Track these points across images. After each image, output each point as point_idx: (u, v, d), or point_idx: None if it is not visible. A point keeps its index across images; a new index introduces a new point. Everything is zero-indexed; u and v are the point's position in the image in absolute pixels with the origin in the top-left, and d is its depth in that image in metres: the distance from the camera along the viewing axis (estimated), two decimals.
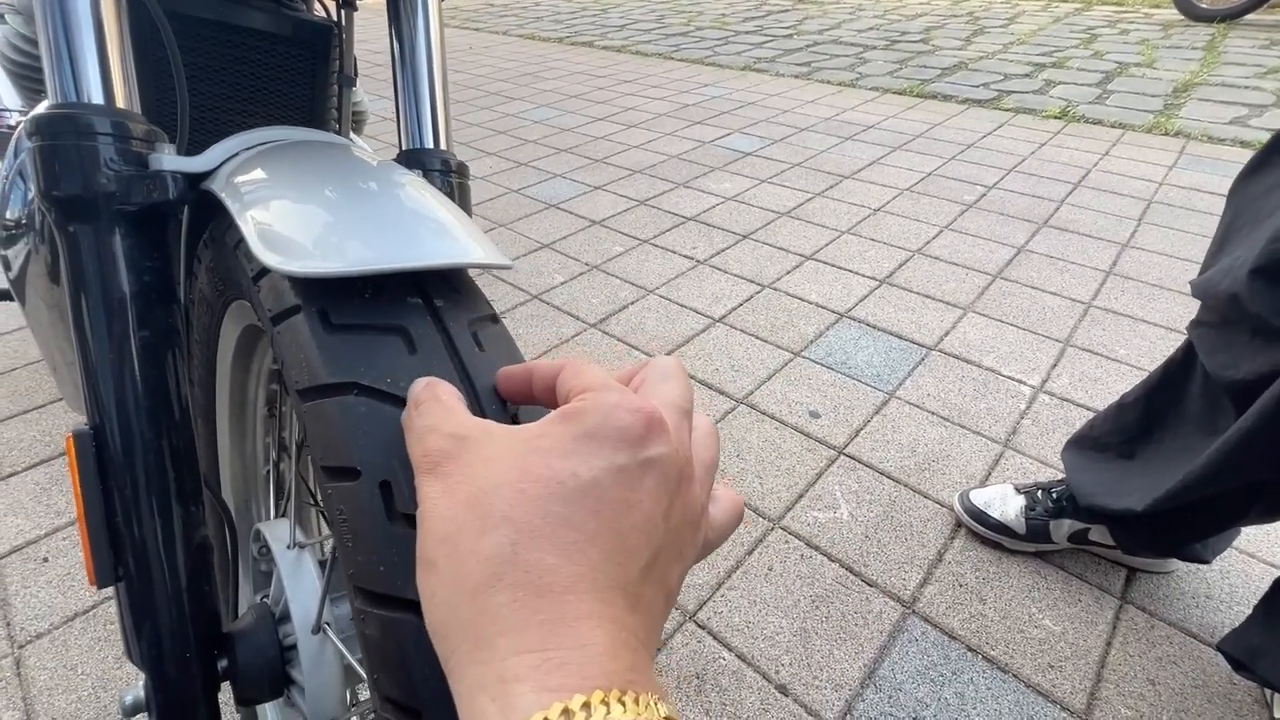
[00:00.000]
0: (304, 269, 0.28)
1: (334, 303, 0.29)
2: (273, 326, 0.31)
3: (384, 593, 0.24)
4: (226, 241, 0.38)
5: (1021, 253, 1.76)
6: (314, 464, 0.29)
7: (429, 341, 0.29)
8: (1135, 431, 0.87)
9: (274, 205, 0.34)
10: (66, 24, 0.38)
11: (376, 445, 0.26)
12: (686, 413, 0.24)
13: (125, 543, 0.40)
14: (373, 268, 0.28)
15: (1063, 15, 4.74)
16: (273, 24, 0.59)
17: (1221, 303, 0.70)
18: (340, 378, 0.27)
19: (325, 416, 0.27)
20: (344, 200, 0.34)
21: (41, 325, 0.68)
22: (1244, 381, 0.68)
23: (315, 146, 0.41)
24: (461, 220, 0.34)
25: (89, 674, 0.82)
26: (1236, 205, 0.74)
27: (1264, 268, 0.64)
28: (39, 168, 0.37)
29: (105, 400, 0.39)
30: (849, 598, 0.90)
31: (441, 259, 0.29)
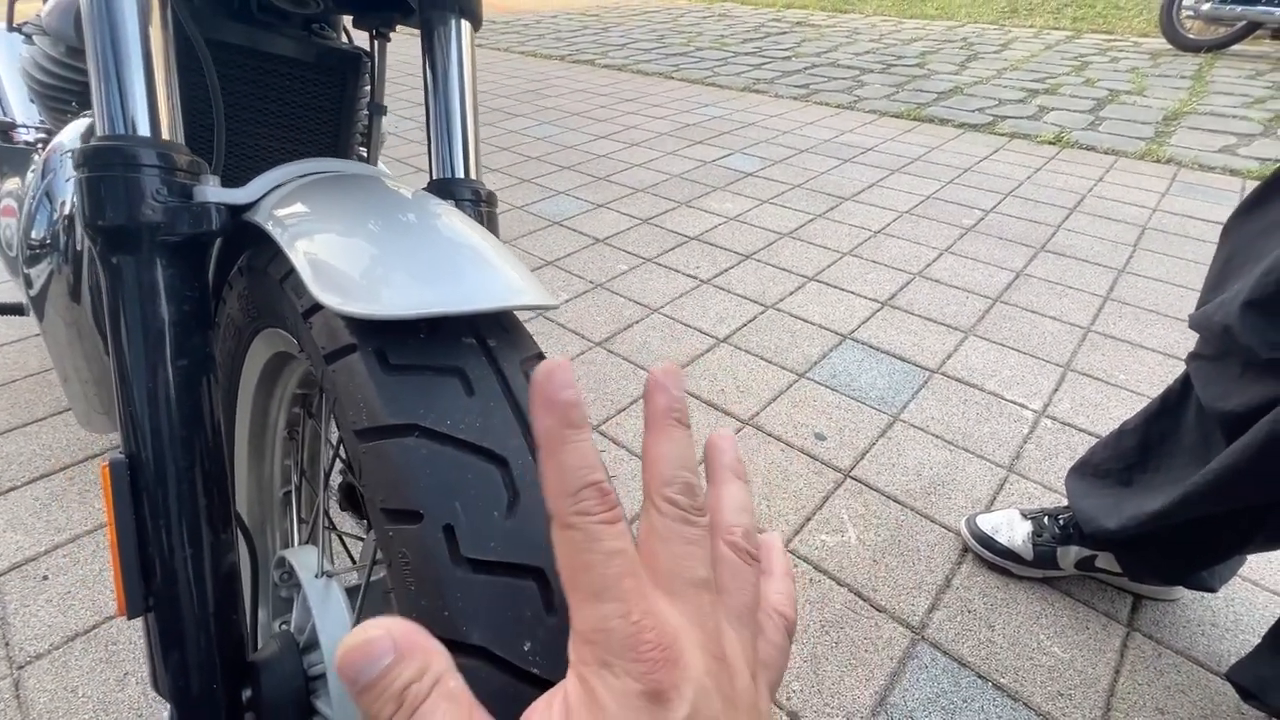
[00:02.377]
0: (365, 311, 0.28)
1: (391, 343, 0.29)
2: (326, 364, 0.31)
3: (448, 638, 0.24)
4: (270, 274, 0.38)
5: (1021, 277, 1.79)
6: (370, 504, 0.29)
7: (485, 383, 0.29)
8: (1133, 459, 0.88)
9: (324, 241, 0.34)
10: (117, 57, 0.38)
11: (439, 488, 0.26)
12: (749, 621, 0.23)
13: (157, 572, 0.40)
14: (432, 311, 0.28)
15: (1054, 43, 4.84)
16: (303, 51, 0.60)
17: (1216, 335, 0.71)
18: (401, 419, 0.27)
19: (386, 458, 0.27)
20: (393, 238, 0.34)
21: (59, 342, 0.68)
22: (1235, 413, 0.69)
23: (357, 180, 0.42)
24: (508, 259, 0.34)
25: (90, 697, 0.81)
26: (1234, 243, 0.76)
27: (1255, 301, 0.66)
28: (86, 198, 0.38)
29: (142, 429, 0.39)
30: (858, 623, 0.90)
31: (496, 302, 0.30)
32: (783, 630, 0.24)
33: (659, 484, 0.22)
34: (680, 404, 0.24)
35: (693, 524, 0.22)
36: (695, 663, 0.19)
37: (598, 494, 0.20)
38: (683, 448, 0.23)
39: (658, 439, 0.23)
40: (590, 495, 0.20)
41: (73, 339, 0.66)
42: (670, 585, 0.21)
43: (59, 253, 0.60)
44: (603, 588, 0.19)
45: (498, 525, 0.25)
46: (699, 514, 0.23)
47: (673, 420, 0.24)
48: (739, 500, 0.25)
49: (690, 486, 0.23)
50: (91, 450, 1.18)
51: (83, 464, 1.16)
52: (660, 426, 0.23)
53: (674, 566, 0.21)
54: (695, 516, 0.22)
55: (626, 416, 1.28)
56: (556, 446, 0.20)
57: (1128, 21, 5.35)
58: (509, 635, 0.24)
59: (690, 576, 0.21)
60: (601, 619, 0.19)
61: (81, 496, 1.09)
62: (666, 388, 0.24)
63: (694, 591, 0.21)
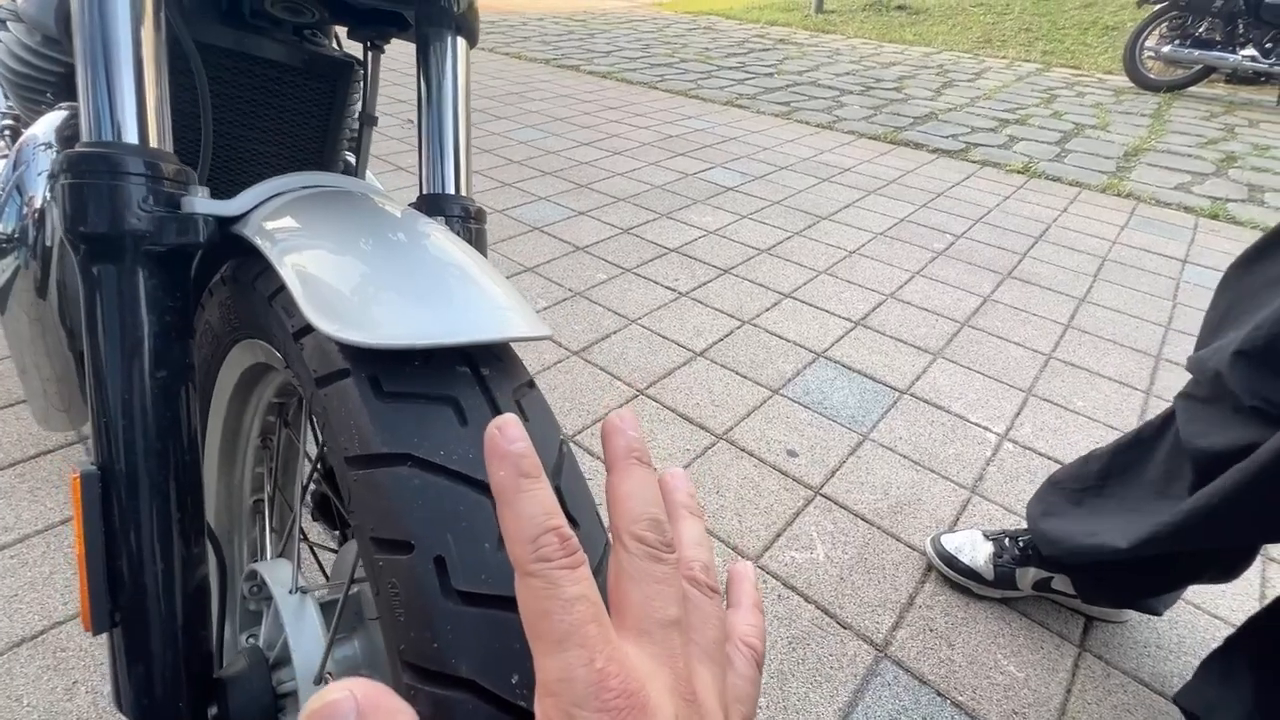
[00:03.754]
0: (361, 339, 0.28)
1: (384, 370, 0.30)
2: (317, 387, 0.31)
3: (437, 670, 0.24)
4: (257, 289, 0.38)
5: (988, 302, 1.85)
6: (359, 531, 0.29)
7: (478, 413, 0.29)
8: (1090, 483, 0.92)
9: (317, 262, 0.34)
10: (107, 59, 0.38)
11: (430, 519, 0.26)
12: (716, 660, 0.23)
13: (125, 587, 0.39)
14: (429, 342, 0.29)
15: (1025, 75, 5.02)
16: (293, 57, 0.60)
17: (1208, 379, 0.75)
18: (394, 448, 0.27)
19: (377, 487, 0.27)
20: (386, 261, 0.34)
21: (20, 338, 0.65)
22: (1210, 451, 0.73)
23: (348, 197, 0.42)
24: (502, 287, 0.34)
25: (35, 706, 0.77)
26: (1235, 293, 0.79)
27: (1245, 351, 0.70)
28: (68, 204, 0.37)
29: (116, 441, 0.38)
30: (825, 640, 0.92)
31: (492, 334, 0.30)
32: (752, 663, 0.24)
33: (626, 522, 0.23)
34: (639, 445, 0.25)
35: (662, 561, 0.22)
36: (664, 707, 0.19)
37: (557, 539, 0.20)
38: (646, 486, 0.24)
39: (621, 479, 0.24)
40: (549, 541, 0.20)
41: (36, 335, 0.64)
42: (641, 625, 0.21)
43: (27, 247, 0.59)
44: (565, 635, 0.19)
45: (489, 558, 0.26)
46: (668, 550, 0.23)
47: (634, 460, 0.24)
48: (695, 535, 0.25)
49: (657, 523, 0.23)
50: (44, 446, 1.14)
51: (33, 460, 1.11)
52: (622, 466, 0.24)
53: (645, 606, 0.21)
54: (664, 553, 0.22)
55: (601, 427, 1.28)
56: (512, 496, 0.21)
57: (1094, 59, 5.57)
58: (497, 668, 0.24)
59: (661, 616, 0.21)
60: (564, 667, 0.19)
61: (32, 495, 1.05)
62: (624, 430, 0.25)
63: (664, 632, 0.21)
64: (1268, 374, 0.68)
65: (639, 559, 0.22)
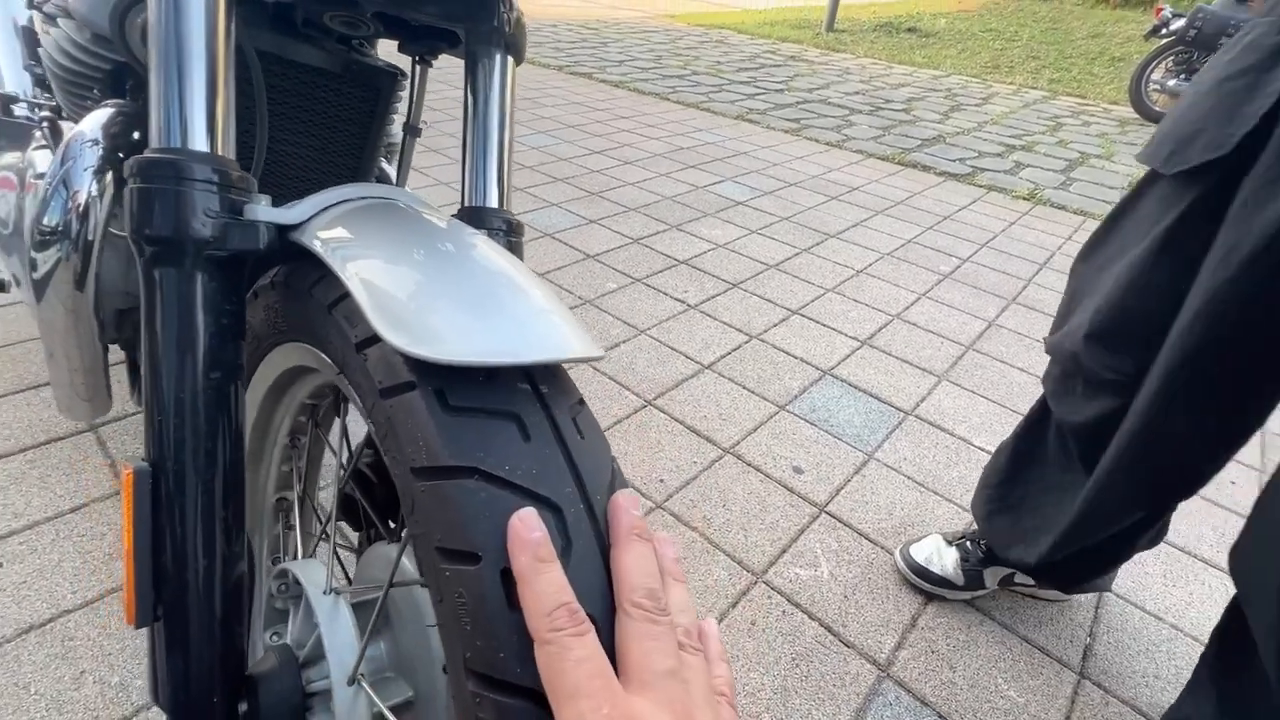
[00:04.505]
0: (431, 354, 0.29)
1: (450, 384, 0.31)
2: (381, 398, 0.32)
3: (502, 679, 0.25)
4: (315, 296, 0.39)
5: (992, 326, 1.87)
6: (420, 541, 0.30)
7: (540, 430, 0.30)
8: (1005, 474, 0.99)
9: (380, 274, 0.35)
10: (180, 71, 0.39)
11: (497, 531, 0.27)
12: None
13: (169, 582, 0.40)
14: (497, 360, 0.30)
15: (1031, 101, 5.07)
16: (342, 65, 0.61)
17: (1065, 359, 0.84)
18: (461, 461, 0.28)
19: (445, 498, 0.28)
20: (448, 276, 0.35)
21: (53, 327, 0.66)
22: (1082, 424, 0.83)
23: (402, 210, 0.43)
24: (558, 306, 0.36)
25: (43, 694, 0.78)
26: (1078, 281, 0.87)
27: (1092, 333, 0.79)
28: (136, 208, 0.38)
29: (168, 439, 0.39)
30: (828, 658, 0.92)
31: (553, 354, 0.31)
32: (729, 707, 0.28)
33: (627, 591, 0.27)
34: (640, 523, 0.30)
35: (657, 623, 0.27)
36: None
37: (567, 613, 0.25)
38: (645, 560, 0.29)
39: (623, 552, 0.28)
40: (561, 615, 0.25)
41: (69, 325, 0.65)
42: (643, 677, 0.25)
43: (69, 240, 0.59)
44: (575, 689, 0.24)
45: None
46: (662, 614, 0.27)
47: (635, 536, 0.29)
48: (681, 601, 0.30)
49: (653, 591, 0.28)
50: (54, 434, 1.14)
51: (44, 446, 1.11)
52: (625, 542, 0.29)
53: (644, 660, 0.26)
54: (659, 616, 0.27)
55: (610, 435, 1.29)
56: (531, 577, 0.26)
57: (1099, 89, 5.64)
58: None
59: (659, 668, 0.25)
60: (577, 715, 0.23)
61: (42, 481, 1.05)
62: (628, 509, 0.30)
63: (664, 681, 0.25)
64: (1114, 349, 0.77)
65: (638, 621, 0.27)
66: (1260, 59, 0.64)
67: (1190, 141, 0.68)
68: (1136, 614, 1.05)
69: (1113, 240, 0.82)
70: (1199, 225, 0.67)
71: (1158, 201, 0.74)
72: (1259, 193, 0.61)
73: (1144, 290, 0.73)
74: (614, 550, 0.29)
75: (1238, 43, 0.69)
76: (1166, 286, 0.70)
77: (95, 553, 0.95)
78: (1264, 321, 0.63)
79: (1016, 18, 8.96)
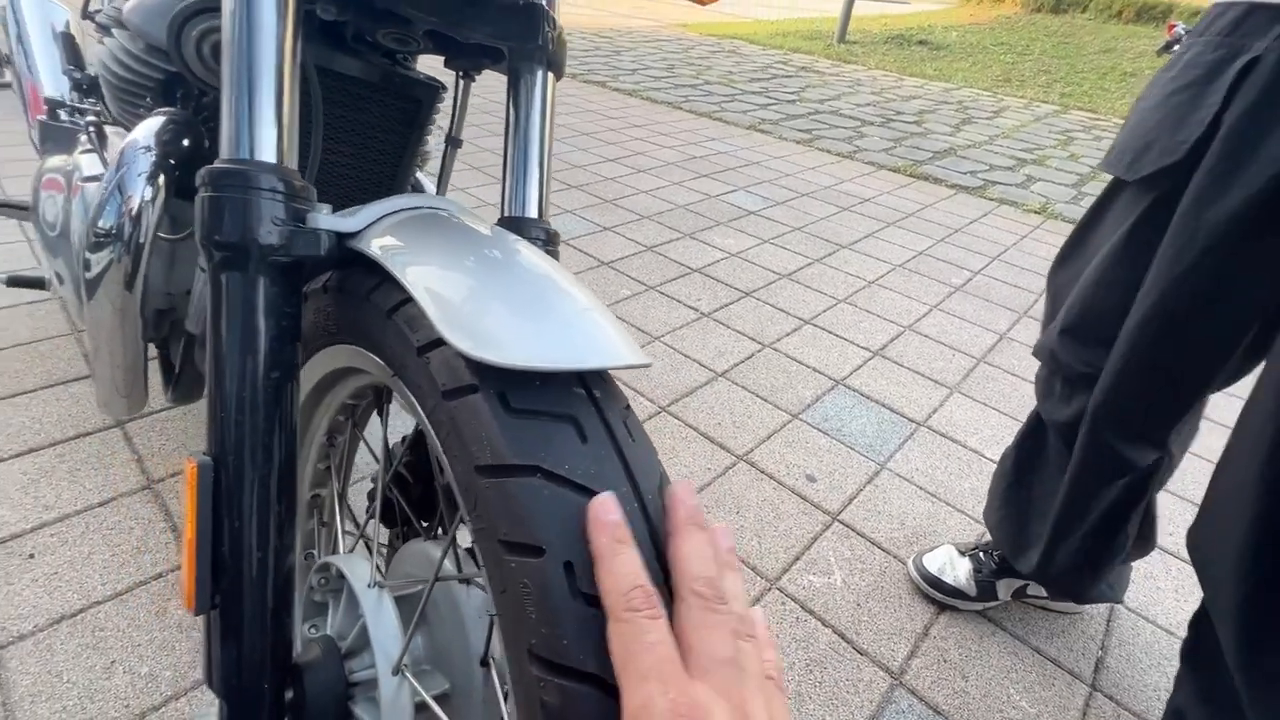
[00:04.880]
0: (497, 359, 0.31)
1: (511, 387, 0.32)
2: (444, 400, 0.34)
3: (566, 664, 0.27)
4: (373, 302, 0.41)
5: (1004, 339, 1.88)
6: (482, 534, 0.32)
7: (596, 432, 0.32)
8: (1010, 479, 1.02)
9: (441, 281, 0.37)
10: (252, 87, 0.41)
11: (559, 527, 0.29)
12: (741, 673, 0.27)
13: (226, 572, 0.42)
14: (556, 366, 0.31)
15: (1042, 115, 5.09)
16: (386, 78, 0.63)
17: (1047, 359, 0.91)
18: (524, 460, 0.30)
19: (509, 495, 0.30)
20: (504, 284, 0.37)
21: (100, 325, 0.68)
22: (1064, 423, 0.88)
23: (454, 219, 0.45)
24: (608, 316, 0.37)
25: (75, 683, 0.80)
26: (1055, 287, 0.93)
27: (1065, 329, 0.85)
28: (207, 215, 0.40)
29: (229, 434, 0.41)
30: (841, 664, 0.93)
31: (606, 361, 0.33)
32: (777, 690, 0.30)
33: (687, 580, 0.29)
34: (698, 512, 0.31)
35: (716, 611, 0.28)
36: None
37: (643, 594, 0.27)
38: (704, 548, 0.30)
39: (683, 541, 0.30)
40: (638, 595, 0.27)
41: (116, 324, 0.67)
42: (702, 664, 0.26)
43: (122, 242, 0.62)
44: (646, 672, 0.25)
45: None
46: (721, 602, 0.28)
47: (693, 525, 0.30)
48: (736, 590, 0.31)
49: (712, 580, 0.29)
50: (83, 429, 1.17)
51: (73, 441, 1.14)
52: (683, 531, 0.30)
53: (703, 647, 0.27)
54: (718, 605, 0.28)
55: None
56: (609, 558, 0.27)
57: (1111, 103, 5.65)
58: None
59: (718, 655, 0.27)
60: (646, 697, 0.25)
61: (71, 475, 1.07)
62: (684, 500, 0.31)
63: (721, 669, 0.26)
64: (1085, 342, 0.83)
65: (697, 610, 0.28)
66: (1200, 74, 0.72)
67: (1145, 150, 0.75)
68: (1148, 628, 1.06)
69: (1084, 246, 0.88)
70: (1157, 224, 0.75)
71: (1121, 206, 0.81)
72: (1205, 191, 0.69)
73: (1110, 286, 0.80)
74: (673, 539, 0.30)
75: (1178, 61, 0.77)
76: (1130, 282, 0.77)
77: (124, 546, 0.97)
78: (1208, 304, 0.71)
79: (1028, 31, 8.99)
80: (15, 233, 1.76)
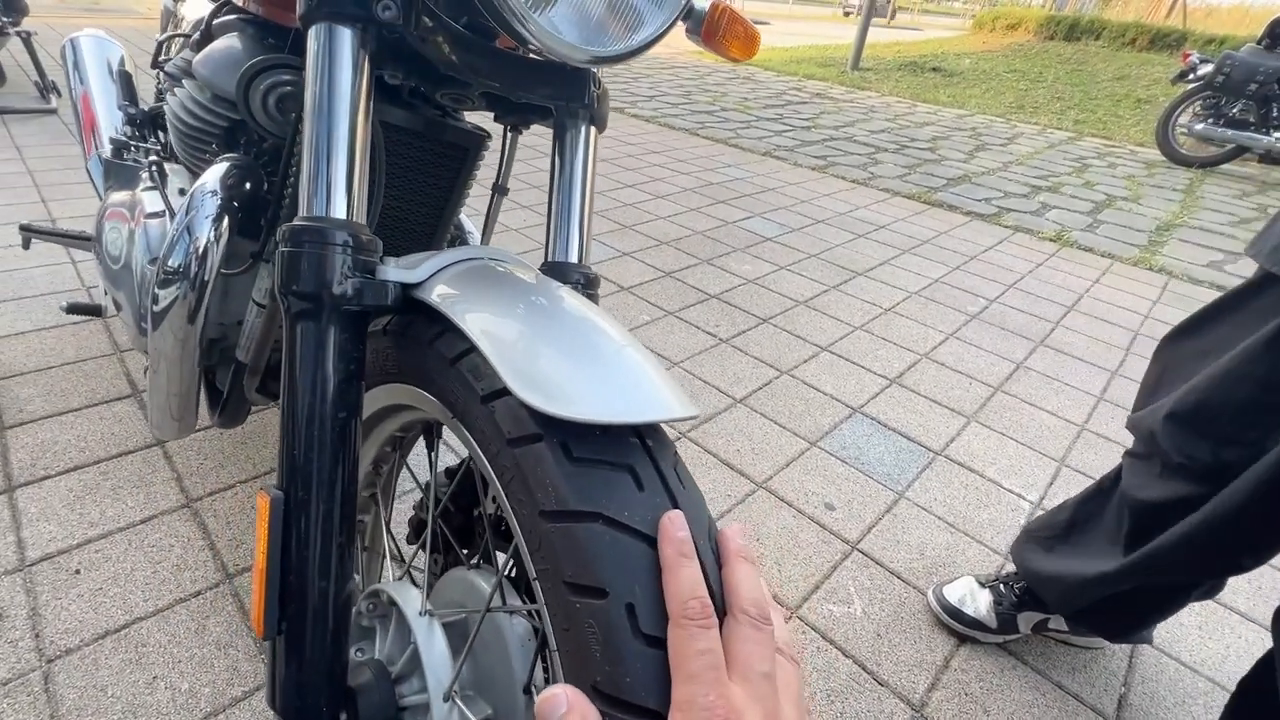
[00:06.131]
0: (563, 412, 0.34)
1: (573, 437, 0.35)
2: (508, 446, 0.37)
3: (629, 700, 0.29)
4: (437, 349, 0.44)
5: (1020, 369, 1.88)
6: (543, 574, 0.34)
7: (650, 479, 0.35)
8: (1059, 531, 1.01)
9: (504, 332, 0.40)
10: (330, 149, 0.45)
11: (621, 570, 0.31)
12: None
13: (292, 599, 0.45)
14: (619, 420, 0.34)
15: (1057, 142, 5.11)
16: (433, 128, 0.67)
17: (1145, 438, 0.86)
18: (587, 506, 0.33)
19: (574, 539, 0.32)
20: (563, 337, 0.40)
21: (162, 354, 0.72)
22: (1146, 502, 0.84)
23: (509, 271, 0.48)
24: (660, 371, 0.40)
25: (119, 698, 0.82)
26: (1167, 360, 0.90)
27: (1174, 413, 0.80)
28: (285, 269, 0.43)
29: (299, 469, 0.44)
30: (862, 695, 0.94)
31: (660, 415, 0.36)
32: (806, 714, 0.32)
33: (739, 602, 0.33)
34: (747, 550, 0.36)
35: (760, 630, 0.32)
36: None
37: (699, 604, 0.31)
38: (753, 577, 0.34)
39: (734, 570, 0.34)
40: (694, 605, 0.31)
41: (177, 354, 0.71)
42: (744, 674, 0.30)
43: (188, 280, 0.66)
44: (694, 674, 0.29)
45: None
46: (766, 624, 0.32)
47: (743, 559, 0.35)
48: (779, 621, 0.34)
49: (759, 602, 0.33)
50: (125, 447, 1.21)
51: (116, 459, 1.18)
52: (736, 562, 0.35)
53: (746, 659, 0.30)
54: (763, 624, 0.32)
55: None
56: (676, 568, 0.32)
57: (1125, 130, 5.67)
58: None
59: (758, 669, 0.30)
60: (690, 695, 0.28)
61: (115, 493, 1.11)
62: (735, 537, 0.36)
63: (761, 680, 0.30)
64: (1192, 435, 0.78)
65: (744, 626, 0.32)
66: None
67: None
68: (1172, 665, 1.05)
69: (1212, 329, 0.83)
70: None
71: (1273, 301, 0.74)
72: None
73: (1239, 382, 0.74)
74: (726, 568, 0.34)
75: None
76: (1265, 384, 0.71)
77: (165, 563, 1.00)
78: None
79: (1041, 59, 9.05)
80: (62, 255, 1.83)
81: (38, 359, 1.41)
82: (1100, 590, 0.88)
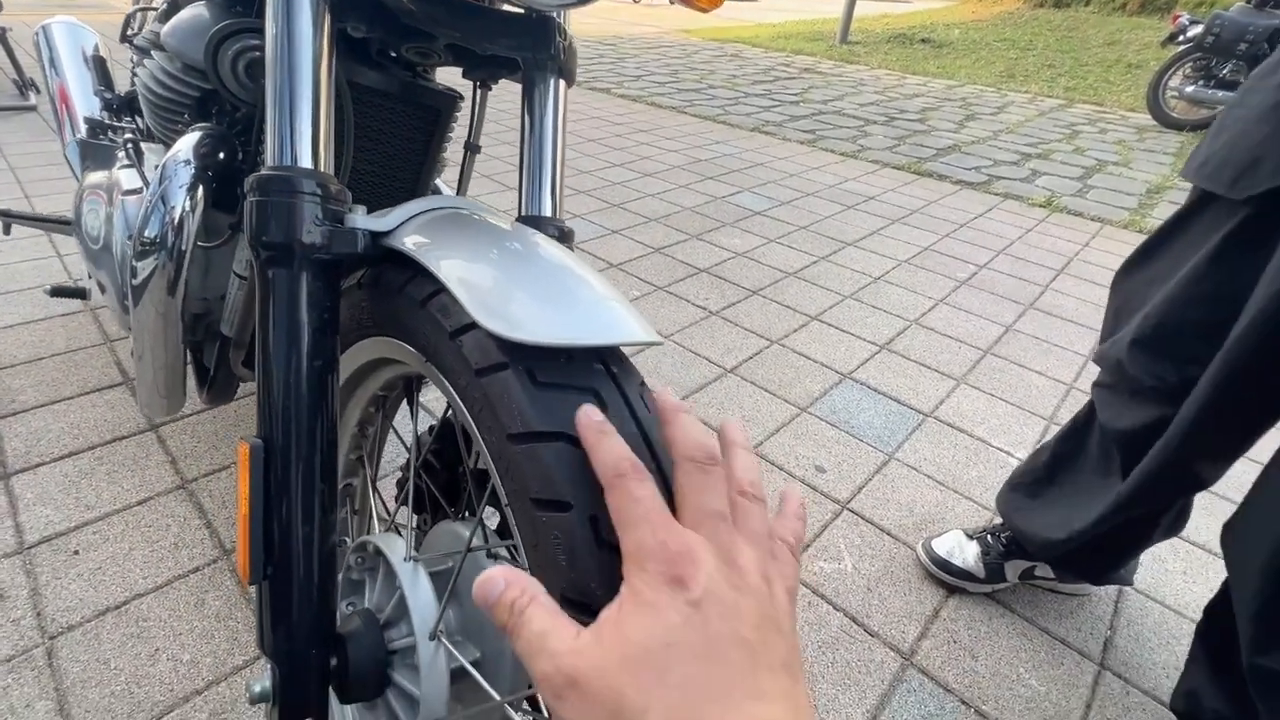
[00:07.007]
0: (525, 337, 0.35)
1: (537, 364, 0.36)
2: (476, 377, 0.37)
3: (596, 607, 0.30)
4: (408, 293, 0.45)
5: (1010, 331, 1.89)
6: (513, 495, 0.35)
7: (614, 403, 0.36)
8: (1041, 475, 1.02)
9: (470, 271, 0.40)
10: (293, 100, 0.45)
11: (583, 485, 0.32)
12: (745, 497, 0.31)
13: (276, 545, 0.45)
14: (579, 342, 0.35)
15: (1047, 110, 5.08)
16: (405, 89, 0.67)
17: (1112, 368, 0.88)
18: (552, 427, 0.34)
19: (539, 458, 0.33)
20: (527, 272, 0.41)
21: (145, 328, 0.73)
22: (1127, 431, 0.86)
23: (477, 216, 0.48)
24: (621, 300, 0.41)
25: (122, 669, 0.84)
26: (1124, 292, 0.91)
27: (1137, 339, 0.82)
28: (255, 218, 0.44)
29: (277, 417, 0.45)
30: (853, 646, 0.96)
31: (623, 337, 0.37)
32: (788, 552, 0.31)
33: (679, 450, 0.32)
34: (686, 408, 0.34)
35: (706, 471, 0.31)
36: (708, 561, 0.27)
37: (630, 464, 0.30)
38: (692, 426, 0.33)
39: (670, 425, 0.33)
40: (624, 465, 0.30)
41: (159, 328, 0.72)
42: (694, 518, 0.29)
43: (165, 250, 0.66)
44: (636, 520, 0.28)
45: None
46: (712, 463, 0.31)
47: (680, 412, 0.34)
48: (746, 462, 0.33)
49: (701, 444, 0.32)
50: (119, 433, 1.22)
51: (110, 445, 1.19)
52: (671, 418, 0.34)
53: (694, 500, 0.29)
54: (708, 465, 0.31)
55: None
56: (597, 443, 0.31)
57: (1116, 96, 5.64)
58: None
59: (708, 508, 0.29)
60: (637, 540, 0.27)
61: (110, 477, 1.12)
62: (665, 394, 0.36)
63: (713, 521, 0.29)
64: (1158, 356, 0.80)
65: (691, 473, 0.31)
66: None
67: (1253, 167, 0.70)
68: (1156, 608, 1.07)
69: (1162, 255, 0.85)
70: (1255, 242, 0.70)
71: (1212, 220, 0.76)
72: None
73: (1195, 302, 0.76)
74: (665, 428, 0.34)
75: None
76: (1219, 298, 0.73)
77: (162, 542, 1.02)
78: None
79: (1031, 26, 8.97)
80: (47, 248, 1.82)
81: (28, 350, 1.41)
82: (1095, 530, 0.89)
